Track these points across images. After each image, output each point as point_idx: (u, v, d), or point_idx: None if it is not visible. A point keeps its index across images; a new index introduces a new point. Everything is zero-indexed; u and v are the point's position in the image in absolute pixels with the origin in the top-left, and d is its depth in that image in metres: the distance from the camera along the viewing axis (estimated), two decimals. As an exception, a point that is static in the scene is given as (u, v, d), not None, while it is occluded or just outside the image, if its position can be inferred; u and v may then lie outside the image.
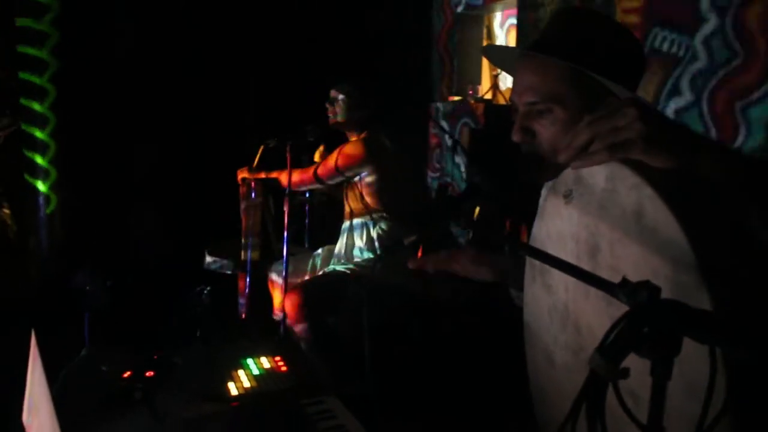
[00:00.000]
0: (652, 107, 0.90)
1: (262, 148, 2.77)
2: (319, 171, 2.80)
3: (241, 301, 3.13)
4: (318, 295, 2.64)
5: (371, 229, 2.82)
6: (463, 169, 3.89)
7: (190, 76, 3.93)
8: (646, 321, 0.71)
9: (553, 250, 1.14)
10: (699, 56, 2.60)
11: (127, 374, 1.36)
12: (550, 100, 1.22)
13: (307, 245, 3.44)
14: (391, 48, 4.24)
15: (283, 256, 2.83)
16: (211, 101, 3.91)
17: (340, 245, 2.95)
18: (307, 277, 3.00)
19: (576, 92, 1.22)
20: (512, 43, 3.98)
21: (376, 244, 2.82)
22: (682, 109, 2.69)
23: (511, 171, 1.23)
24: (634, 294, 0.73)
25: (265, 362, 1.50)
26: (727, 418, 0.74)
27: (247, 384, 1.38)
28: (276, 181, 2.86)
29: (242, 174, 2.96)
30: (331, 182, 2.83)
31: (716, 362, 0.70)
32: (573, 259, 1.07)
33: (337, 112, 2.80)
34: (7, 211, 4.13)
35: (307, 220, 3.45)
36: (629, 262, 0.92)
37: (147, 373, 1.37)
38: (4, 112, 4.09)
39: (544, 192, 1.48)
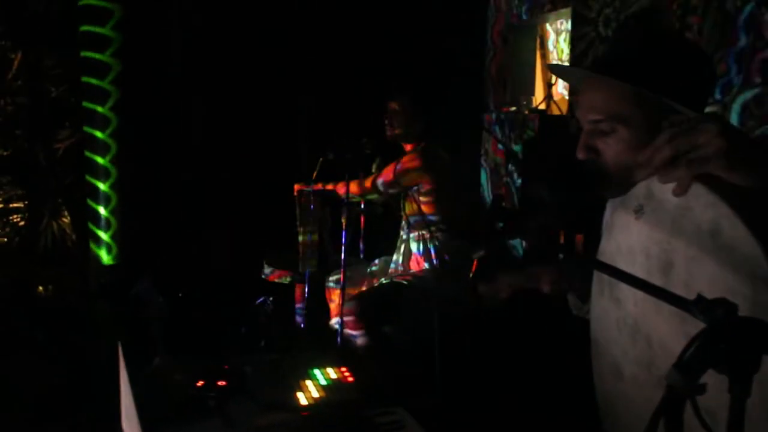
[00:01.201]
0: (731, 124, 0.90)
1: (321, 160, 2.83)
2: (377, 182, 2.84)
3: (299, 310, 3.20)
4: (376, 305, 2.67)
5: (428, 240, 2.84)
6: (517, 179, 3.87)
7: (249, 87, 4.02)
8: (723, 338, 0.71)
9: (622, 265, 1.14)
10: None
11: (200, 383, 1.42)
12: (614, 119, 1.23)
13: (362, 256, 3.48)
14: (446, 57, 4.26)
15: (339, 267, 2.88)
16: (269, 113, 4.01)
17: (397, 256, 2.98)
18: (364, 287, 3.04)
19: (640, 112, 1.21)
20: (565, 53, 3.96)
21: (433, 254, 2.84)
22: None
23: (576, 186, 1.23)
24: (710, 311, 0.74)
25: (332, 373, 1.53)
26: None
27: (315, 394, 1.42)
28: (334, 192, 2.92)
29: (299, 186, 3.03)
30: (389, 193, 2.87)
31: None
32: (644, 274, 1.07)
33: (394, 124, 2.83)
34: (66, 220, 4.31)
35: (362, 231, 3.50)
36: (704, 279, 0.92)
37: (219, 383, 1.42)
38: (63, 125, 4.28)
39: (609, 207, 1.48)
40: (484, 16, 4.65)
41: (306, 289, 2.77)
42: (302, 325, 2.83)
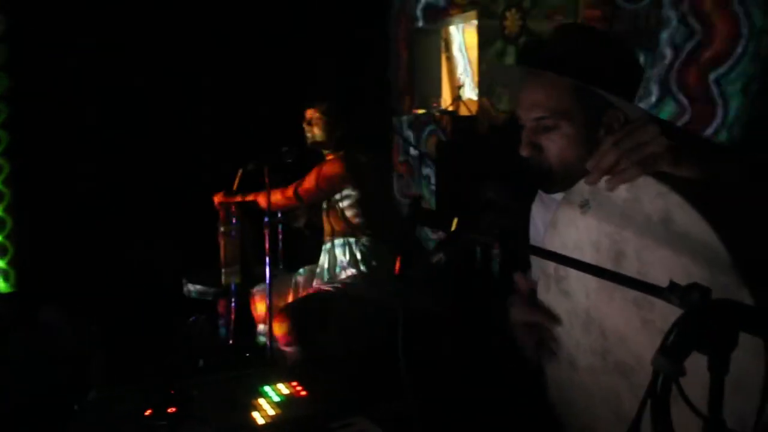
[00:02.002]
0: (669, 122, 0.95)
1: (240, 172, 2.76)
2: (300, 191, 2.80)
3: (222, 326, 3.10)
4: (306, 316, 2.64)
5: (354, 246, 2.84)
6: (432, 181, 3.95)
7: (159, 99, 3.85)
8: (702, 320, 0.75)
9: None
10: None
11: (148, 412, 1.34)
12: (556, 115, 1.27)
13: (281, 266, 3.43)
14: (351, 64, 4.27)
15: (262, 279, 2.82)
16: (183, 127, 3.86)
17: (323, 264, 2.95)
18: (290, 298, 2.99)
19: (581, 106, 1.27)
20: (472, 58, 4.08)
21: (360, 260, 2.84)
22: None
23: (522, 184, 1.26)
24: (686, 296, 0.78)
25: (284, 388, 1.50)
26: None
27: (271, 412, 1.38)
28: (255, 203, 2.85)
29: (218, 198, 2.94)
30: (311, 201, 2.84)
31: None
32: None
33: (315, 132, 2.81)
34: None
35: (281, 242, 3.44)
36: (659, 266, 0.97)
37: (169, 410, 1.35)
38: None
39: (540, 206, 1.53)
40: (388, 21, 4.70)
41: (233, 304, 2.69)
42: (230, 341, 2.74)
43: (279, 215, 3.29)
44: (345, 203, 2.80)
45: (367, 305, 2.74)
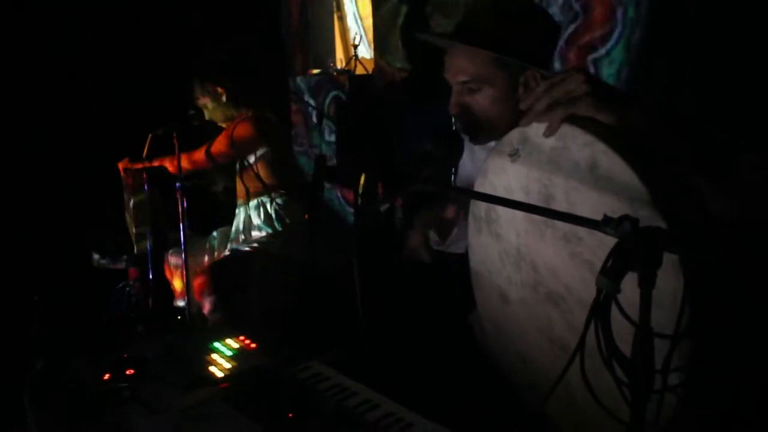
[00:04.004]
0: (594, 75, 1.10)
1: (150, 137, 2.70)
2: (213, 150, 2.79)
3: (130, 291, 3.04)
4: (225, 276, 2.67)
5: (268, 206, 2.88)
6: (333, 141, 4.01)
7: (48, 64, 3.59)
8: (634, 245, 0.91)
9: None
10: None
11: (107, 377, 1.37)
12: (478, 80, 1.41)
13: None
14: (242, 24, 4.19)
15: (174, 244, 2.81)
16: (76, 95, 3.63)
17: (237, 225, 2.97)
18: (205, 261, 2.99)
19: (500, 71, 1.41)
20: (365, 13, 4.13)
21: (274, 220, 2.88)
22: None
23: (455, 138, 1.38)
24: (619, 226, 0.93)
25: (233, 343, 1.55)
26: (687, 312, 0.96)
27: (227, 365, 1.44)
28: (163, 168, 2.81)
29: (124, 165, 2.87)
30: (225, 160, 2.84)
31: (688, 270, 0.92)
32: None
33: (211, 115, 2.82)
34: None
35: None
36: (586, 206, 1.12)
37: (127, 371, 1.38)
38: None
39: (468, 156, 1.67)
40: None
41: (150, 270, 2.66)
42: (149, 307, 2.72)
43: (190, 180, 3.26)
44: (258, 163, 2.82)
45: (283, 263, 2.81)
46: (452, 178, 1.68)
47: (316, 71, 4.28)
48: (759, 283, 1.02)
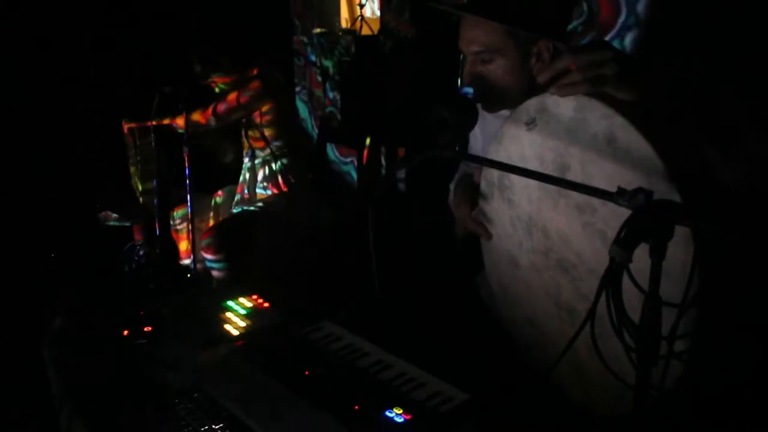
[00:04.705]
0: (619, 49, 1.11)
1: (158, 95, 2.69)
2: (219, 109, 2.78)
3: (139, 251, 3.08)
4: (233, 235, 2.70)
5: (273, 165, 2.89)
6: (338, 101, 3.98)
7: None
8: (647, 217, 0.93)
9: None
10: None
11: (126, 332, 1.40)
12: (491, 50, 1.42)
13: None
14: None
15: (182, 202, 2.83)
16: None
17: (242, 184, 2.99)
18: (211, 219, 3.02)
19: (513, 42, 1.42)
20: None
21: (280, 179, 2.90)
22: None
23: (470, 105, 1.39)
24: (633, 198, 0.95)
25: (246, 302, 1.59)
26: (696, 283, 0.99)
27: (241, 323, 1.48)
28: (171, 126, 2.81)
29: (129, 124, 2.86)
30: (231, 119, 2.84)
31: (699, 241, 0.95)
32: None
33: (218, 85, 2.80)
34: None
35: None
36: (602, 177, 1.15)
37: (145, 328, 1.41)
38: None
39: (479, 129, 1.67)
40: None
41: (158, 228, 2.68)
42: (155, 260, 2.75)
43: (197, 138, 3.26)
44: (264, 122, 2.82)
45: (289, 223, 2.84)
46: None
47: (320, 30, 4.23)
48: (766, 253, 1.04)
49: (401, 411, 1.11)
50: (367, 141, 3.32)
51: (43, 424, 1.74)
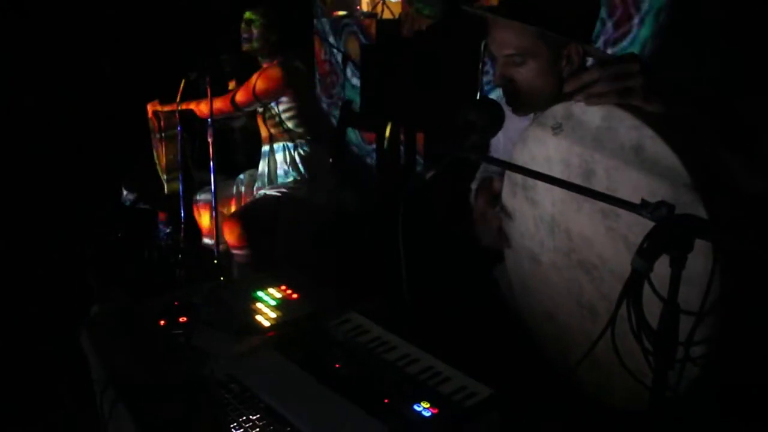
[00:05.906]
0: (646, 61, 1.14)
1: (183, 81, 2.74)
2: (238, 98, 2.83)
3: (162, 233, 3.15)
4: (256, 220, 2.76)
5: (293, 151, 2.94)
6: (357, 85, 4.00)
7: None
8: (668, 230, 0.97)
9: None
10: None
11: (162, 323, 1.46)
12: (523, 53, 1.45)
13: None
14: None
15: (202, 185, 2.90)
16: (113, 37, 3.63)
17: (263, 168, 3.04)
18: (233, 203, 3.08)
19: (544, 45, 1.44)
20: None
21: (300, 165, 2.95)
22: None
23: (497, 107, 1.42)
24: (657, 211, 0.99)
25: (275, 292, 1.64)
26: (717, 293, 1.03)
27: (272, 315, 1.53)
28: (192, 112, 2.86)
29: (153, 107, 2.91)
30: (249, 109, 2.89)
31: (718, 255, 0.99)
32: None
33: (253, 35, 2.82)
34: None
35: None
36: (627, 186, 1.18)
37: (180, 319, 1.47)
38: None
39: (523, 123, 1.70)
40: None
41: (182, 212, 2.75)
42: (181, 246, 2.83)
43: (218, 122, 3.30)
44: (283, 110, 2.86)
45: (311, 208, 2.90)
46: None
47: (341, 13, 4.24)
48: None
49: (428, 405, 1.17)
50: (387, 129, 3.35)
51: (80, 406, 1.81)
